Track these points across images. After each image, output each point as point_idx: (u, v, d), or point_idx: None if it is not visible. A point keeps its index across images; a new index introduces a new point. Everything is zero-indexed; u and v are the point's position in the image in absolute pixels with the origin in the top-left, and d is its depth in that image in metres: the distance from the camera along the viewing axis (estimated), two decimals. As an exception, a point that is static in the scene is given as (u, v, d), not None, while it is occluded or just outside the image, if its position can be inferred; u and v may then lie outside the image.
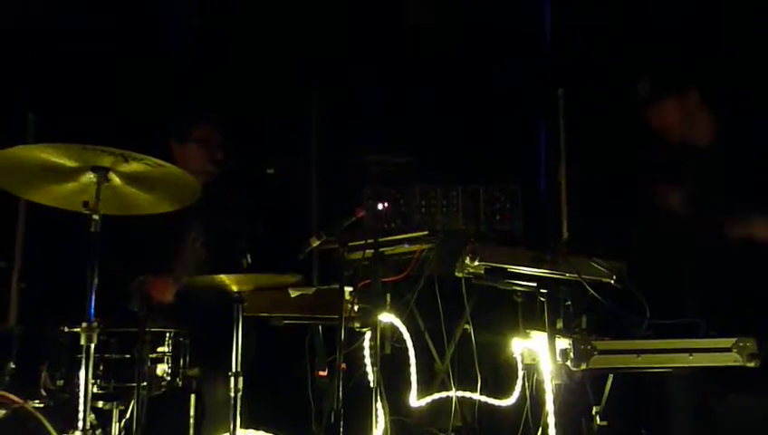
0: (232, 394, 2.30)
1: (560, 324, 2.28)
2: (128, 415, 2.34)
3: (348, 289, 2.54)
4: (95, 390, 2.23)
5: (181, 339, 2.47)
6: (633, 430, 2.75)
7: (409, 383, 2.79)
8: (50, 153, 1.90)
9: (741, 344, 2.07)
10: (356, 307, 2.57)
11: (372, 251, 2.46)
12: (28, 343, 2.31)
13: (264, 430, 2.64)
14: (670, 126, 2.59)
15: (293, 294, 2.65)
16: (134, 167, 1.98)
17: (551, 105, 3.45)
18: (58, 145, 1.87)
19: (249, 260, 2.35)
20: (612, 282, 2.28)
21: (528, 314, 2.51)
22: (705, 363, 2.09)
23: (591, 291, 2.21)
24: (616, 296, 2.24)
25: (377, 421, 2.40)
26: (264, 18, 3.67)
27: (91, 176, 1.98)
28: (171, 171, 2.01)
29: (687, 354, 2.08)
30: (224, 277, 2.26)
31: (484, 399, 2.75)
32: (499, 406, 2.73)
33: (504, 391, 2.71)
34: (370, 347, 2.60)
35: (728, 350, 2.07)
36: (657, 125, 2.61)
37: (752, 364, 2.04)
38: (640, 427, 2.74)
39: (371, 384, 2.40)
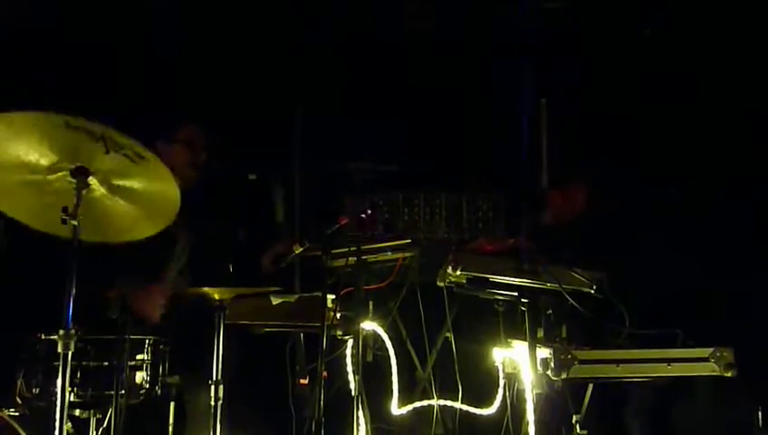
0: (212, 402, 2.28)
1: (540, 334, 2.29)
2: (105, 424, 2.31)
3: (330, 297, 2.53)
4: (72, 398, 2.20)
5: (161, 346, 2.45)
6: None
7: (391, 391, 2.79)
8: (27, 139, 1.82)
9: (718, 354, 2.09)
10: (338, 315, 2.56)
11: (355, 259, 2.46)
12: (4, 350, 2.27)
13: (244, 439, 2.62)
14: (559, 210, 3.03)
15: (275, 301, 2.64)
16: (114, 163, 1.93)
17: (534, 114, 3.48)
18: (38, 114, 1.80)
19: (231, 269, 2.34)
20: (592, 291, 2.30)
21: (509, 323, 2.52)
22: (683, 373, 2.11)
23: (572, 301, 2.22)
24: (596, 306, 2.26)
25: (358, 429, 2.39)
26: (248, 22, 3.66)
27: (70, 180, 1.94)
28: (152, 166, 1.96)
29: (666, 364, 2.11)
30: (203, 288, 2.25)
31: (465, 407, 2.76)
32: (480, 415, 2.74)
33: (484, 400, 2.72)
34: (352, 355, 2.59)
35: (705, 359, 2.10)
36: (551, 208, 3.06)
37: (729, 374, 2.07)
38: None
39: (353, 392, 2.40)
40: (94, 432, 2.31)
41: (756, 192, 2.93)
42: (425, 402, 2.84)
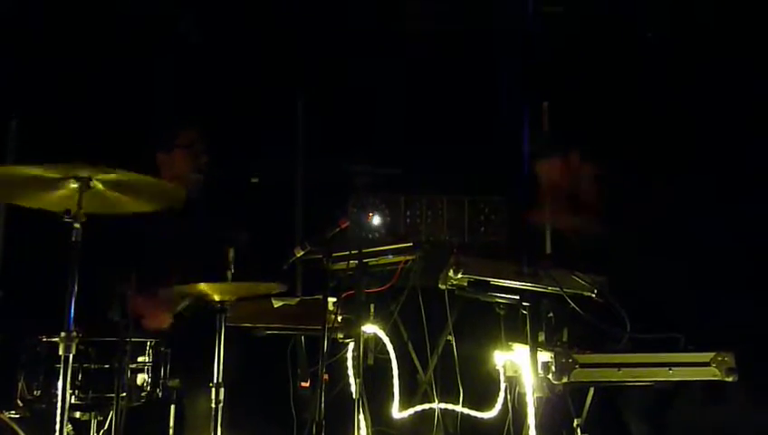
0: (213, 405, 2.28)
1: (542, 337, 2.29)
2: (106, 426, 2.31)
3: (331, 299, 2.53)
4: (73, 400, 2.20)
5: (162, 349, 2.45)
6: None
7: (392, 394, 2.79)
8: (33, 171, 1.89)
9: (719, 359, 2.09)
10: (339, 318, 2.57)
11: (356, 262, 2.46)
12: (5, 352, 2.28)
13: (245, 441, 2.62)
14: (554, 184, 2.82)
15: (277, 304, 2.64)
16: (116, 175, 1.97)
17: (535, 118, 3.48)
18: (42, 165, 1.86)
19: (232, 271, 2.34)
20: (593, 296, 2.30)
21: (510, 326, 2.52)
22: (684, 378, 2.11)
23: (573, 304, 2.22)
24: (597, 310, 2.26)
25: (359, 433, 2.39)
26: (250, 24, 3.66)
27: (73, 183, 1.96)
28: (151, 181, 2.00)
29: (667, 368, 2.10)
30: (205, 287, 2.25)
31: (466, 411, 2.75)
32: (481, 418, 2.73)
33: (486, 404, 2.72)
34: (353, 358, 2.60)
35: (707, 364, 2.09)
36: (544, 182, 2.85)
37: (730, 379, 2.07)
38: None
39: (354, 395, 2.39)
40: (95, 435, 2.32)
41: (758, 193, 2.92)
42: (426, 406, 2.83)
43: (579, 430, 2.40)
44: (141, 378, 2.36)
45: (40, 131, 3.07)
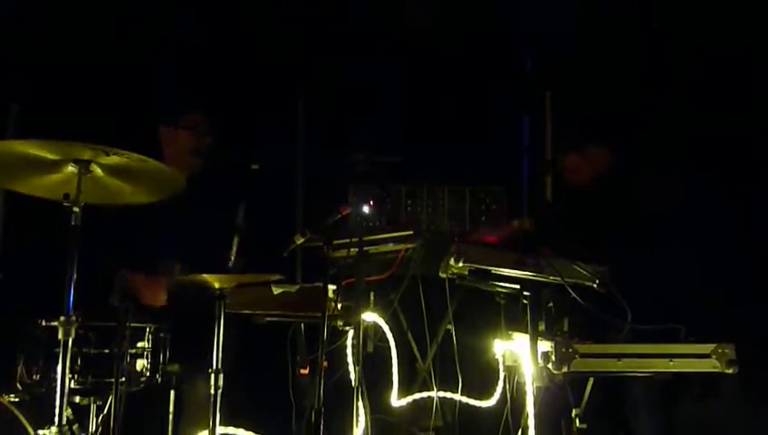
0: (212, 391, 2.28)
1: (542, 327, 2.29)
2: (105, 411, 2.32)
3: (331, 287, 2.53)
4: (72, 384, 2.21)
5: (161, 334, 2.45)
6: (612, 433, 2.77)
7: (391, 382, 2.79)
8: (32, 147, 1.88)
9: (720, 350, 2.08)
10: (339, 305, 2.56)
11: (357, 250, 2.45)
12: (4, 337, 2.28)
13: (244, 428, 2.63)
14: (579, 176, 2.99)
15: (276, 291, 2.63)
16: (116, 160, 1.96)
17: (538, 107, 3.47)
18: (40, 141, 1.85)
19: (233, 258, 2.33)
20: (595, 285, 2.29)
21: (511, 315, 2.52)
22: (684, 369, 2.10)
23: (574, 294, 2.21)
24: (598, 300, 2.25)
25: (358, 420, 2.40)
26: (252, 13, 3.64)
27: (73, 168, 1.96)
28: (153, 166, 2.00)
29: (668, 360, 2.10)
30: (205, 275, 2.25)
31: (464, 399, 2.76)
32: (479, 407, 2.74)
33: (484, 392, 2.72)
34: (353, 346, 2.59)
35: (707, 356, 2.09)
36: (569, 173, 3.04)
37: (730, 371, 2.06)
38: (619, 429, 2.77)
39: (353, 383, 2.39)
40: (94, 419, 2.32)
41: (764, 187, 2.92)
42: (425, 394, 2.84)
43: (577, 420, 2.40)
44: (141, 363, 2.36)
45: (41, 116, 3.06)
